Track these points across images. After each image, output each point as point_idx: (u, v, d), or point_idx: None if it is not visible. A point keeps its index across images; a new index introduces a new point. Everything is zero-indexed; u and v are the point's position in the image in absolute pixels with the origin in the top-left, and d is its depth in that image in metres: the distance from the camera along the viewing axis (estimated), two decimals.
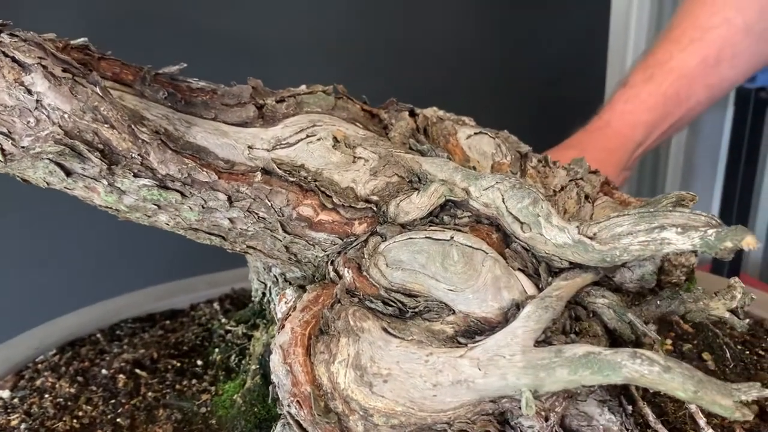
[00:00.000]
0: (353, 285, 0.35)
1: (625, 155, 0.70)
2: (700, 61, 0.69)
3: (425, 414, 0.31)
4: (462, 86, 1.19)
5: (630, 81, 0.72)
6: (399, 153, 0.39)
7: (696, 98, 0.70)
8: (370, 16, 1.07)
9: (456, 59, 1.19)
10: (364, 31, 1.07)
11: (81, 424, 0.45)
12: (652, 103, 0.70)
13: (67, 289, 0.76)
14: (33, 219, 0.82)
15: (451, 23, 1.17)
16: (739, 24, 0.68)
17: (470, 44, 1.20)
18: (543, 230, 0.34)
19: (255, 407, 0.44)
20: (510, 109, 1.24)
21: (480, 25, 1.21)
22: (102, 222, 0.82)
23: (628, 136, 0.70)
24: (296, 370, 0.32)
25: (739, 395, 0.29)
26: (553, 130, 0.77)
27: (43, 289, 0.82)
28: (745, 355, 0.51)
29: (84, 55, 0.37)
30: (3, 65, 0.33)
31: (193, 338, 0.55)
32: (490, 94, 1.24)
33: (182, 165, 0.34)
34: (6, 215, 0.80)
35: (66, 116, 0.33)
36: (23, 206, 0.80)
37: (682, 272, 0.42)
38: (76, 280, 0.83)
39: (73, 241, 0.84)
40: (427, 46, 1.14)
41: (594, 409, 0.33)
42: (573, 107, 0.82)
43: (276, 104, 0.40)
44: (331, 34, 1.03)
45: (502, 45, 1.25)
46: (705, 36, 0.69)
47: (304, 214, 0.36)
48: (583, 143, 0.70)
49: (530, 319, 0.31)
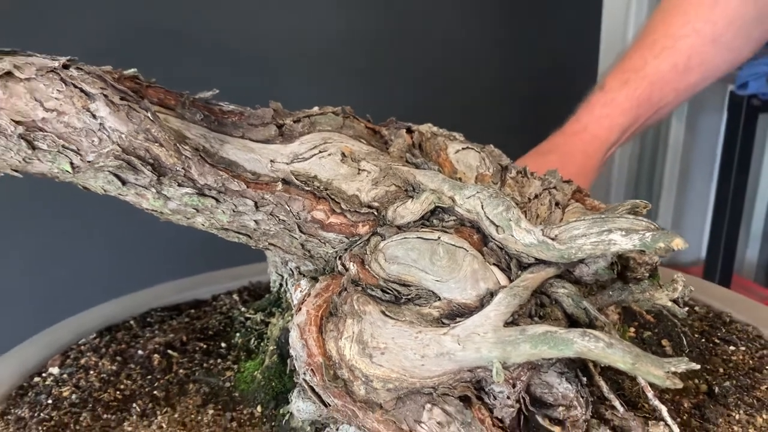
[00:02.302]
0: (357, 276, 0.42)
1: (601, 156, 0.77)
2: (671, 68, 0.75)
3: (415, 380, 0.38)
4: (459, 89, 1.26)
5: (607, 85, 0.79)
6: (397, 166, 0.46)
7: (665, 101, 0.77)
8: (370, 23, 1.14)
9: (455, 64, 1.25)
10: (365, 39, 1.14)
11: (123, 395, 0.53)
12: (627, 107, 0.76)
13: (103, 281, 0.83)
14: (76, 220, 0.91)
15: (450, 31, 1.23)
16: (708, 34, 0.74)
17: (467, 48, 1.27)
18: (514, 232, 0.41)
19: (272, 382, 0.51)
20: (504, 110, 1.31)
21: (475, 30, 1.27)
22: (133, 223, 0.91)
23: (604, 138, 0.77)
24: (310, 344, 0.39)
25: (669, 367, 0.36)
26: (543, 131, 0.83)
27: (82, 280, 0.90)
28: (701, 342, 0.58)
29: (135, 84, 0.44)
30: (73, 95, 0.40)
31: (217, 324, 0.62)
32: (485, 96, 1.30)
33: (217, 176, 0.41)
34: (55, 219, 0.89)
35: (123, 136, 0.40)
36: (70, 212, 0.89)
37: (646, 269, 0.49)
38: (111, 273, 0.91)
39: (109, 239, 0.92)
40: (425, 49, 1.20)
41: (554, 379, 0.41)
42: (565, 107, 0.87)
43: (293, 124, 0.47)
44: (336, 43, 1.10)
45: (497, 47, 1.31)
46: (676, 44, 0.75)
47: (317, 218, 0.44)
48: (562, 147, 0.77)
49: (501, 305, 0.38)
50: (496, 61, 1.31)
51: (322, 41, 1.08)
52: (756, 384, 0.52)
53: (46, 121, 0.39)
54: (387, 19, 1.15)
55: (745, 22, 0.73)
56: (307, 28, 1.07)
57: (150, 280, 0.72)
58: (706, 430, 0.47)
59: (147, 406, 0.51)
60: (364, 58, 1.13)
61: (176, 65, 0.92)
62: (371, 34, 1.13)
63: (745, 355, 0.56)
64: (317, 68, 1.09)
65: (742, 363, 0.55)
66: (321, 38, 1.08)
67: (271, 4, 1.01)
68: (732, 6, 0.72)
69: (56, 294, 0.88)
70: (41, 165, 0.41)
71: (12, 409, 0.52)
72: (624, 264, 0.50)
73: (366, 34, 1.13)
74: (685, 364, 0.37)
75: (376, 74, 1.15)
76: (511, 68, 1.33)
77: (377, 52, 1.15)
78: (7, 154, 0.40)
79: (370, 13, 1.12)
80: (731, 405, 0.50)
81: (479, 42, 1.28)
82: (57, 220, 0.91)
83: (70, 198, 0.88)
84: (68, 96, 0.40)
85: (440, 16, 1.21)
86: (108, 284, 0.74)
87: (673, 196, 2.27)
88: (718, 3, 0.72)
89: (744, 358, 0.56)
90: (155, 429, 0.48)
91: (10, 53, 0.40)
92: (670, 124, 2.18)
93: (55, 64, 0.40)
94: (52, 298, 0.87)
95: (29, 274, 0.91)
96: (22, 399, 0.53)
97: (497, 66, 1.31)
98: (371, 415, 0.38)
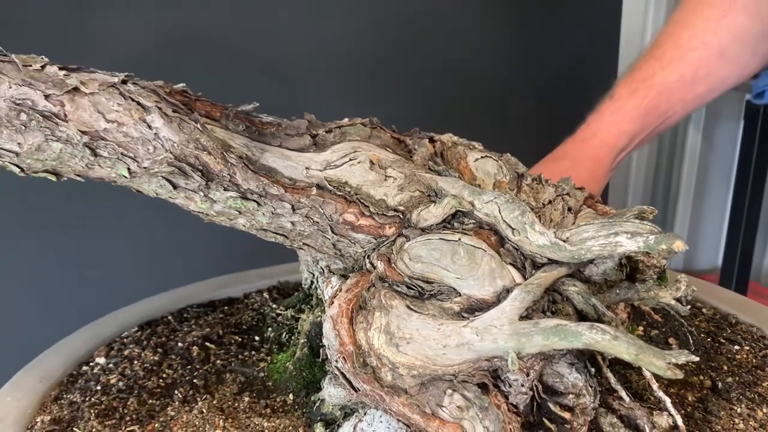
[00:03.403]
0: (384, 273, 0.46)
1: (610, 162, 0.81)
2: (678, 78, 0.79)
3: (437, 367, 0.42)
4: (480, 96, 1.29)
5: (616, 94, 0.82)
6: (420, 173, 0.50)
7: (673, 110, 0.81)
8: (391, 37, 1.18)
9: (474, 72, 1.29)
10: (389, 51, 1.18)
11: (165, 383, 0.57)
12: (635, 115, 0.80)
13: (142, 280, 0.89)
14: (119, 224, 0.97)
15: (470, 41, 1.27)
16: (715, 47, 0.78)
17: (485, 57, 1.30)
18: (528, 234, 0.44)
19: (303, 372, 0.55)
20: (522, 117, 1.34)
21: (494, 39, 1.31)
22: (170, 227, 0.96)
23: (612, 144, 0.81)
24: (342, 334, 0.43)
25: (669, 358, 0.40)
26: (562, 135, 0.86)
27: (122, 278, 0.96)
28: (707, 342, 0.61)
29: (184, 97, 0.49)
30: (131, 107, 0.45)
31: (250, 320, 0.67)
32: (503, 104, 1.34)
33: (259, 182, 0.46)
34: (101, 222, 0.95)
35: (175, 145, 0.45)
36: (114, 217, 0.95)
37: (654, 272, 0.53)
38: (150, 272, 0.96)
39: (148, 241, 0.98)
40: (447, 59, 1.24)
41: (565, 369, 0.44)
42: (584, 113, 0.91)
43: (326, 134, 0.51)
44: (362, 56, 1.15)
45: (516, 55, 1.34)
46: (684, 56, 0.79)
47: (348, 220, 0.48)
48: (573, 153, 0.81)
49: (516, 300, 0.42)
50: (516, 68, 1.35)
51: (351, 54, 1.13)
52: (758, 381, 0.55)
53: (108, 131, 0.44)
54: (408, 30, 1.19)
55: (750, 37, 0.76)
56: (335, 41, 1.11)
57: (185, 278, 0.77)
58: (709, 422, 0.50)
59: (188, 393, 0.55)
60: (389, 70, 1.18)
61: (206, 76, 0.97)
62: (395, 44, 1.18)
63: (748, 354, 0.59)
64: (345, 79, 1.13)
65: (745, 361, 0.58)
66: (350, 51, 1.13)
67: (299, 23, 1.06)
68: (738, 22, 0.75)
69: (100, 290, 0.93)
70: (101, 170, 0.45)
71: (64, 394, 0.56)
72: (633, 267, 0.54)
73: (390, 45, 1.17)
74: (686, 356, 0.40)
75: (399, 83, 1.20)
76: (530, 75, 1.36)
77: (400, 62, 1.19)
78: (72, 161, 0.44)
79: (394, 26, 1.17)
80: (733, 399, 0.53)
81: (498, 51, 1.31)
82: (102, 224, 0.97)
83: (114, 206, 0.94)
84: (127, 108, 0.44)
85: (459, 25, 1.25)
86: (147, 282, 0.79)
87: (690, 204, 2.28)
88: (724, 18, 0.76)
89: (748, 356, 0.59)
90: (196, 414, 0.52)
91: (75, 70, 0.45)
92: (687, 132, 2.19)
93: (115, 80, 0.45)
94: (96, 294, 0.92)
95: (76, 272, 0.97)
96: (73, 385, 0.58)
97: (517, 73, 1.35)
98: (397, 399, 0.42)
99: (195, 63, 1.00)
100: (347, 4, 1.11)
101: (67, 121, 0.43)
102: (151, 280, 0.80)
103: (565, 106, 0.91)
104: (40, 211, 0.93)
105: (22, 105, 0.42)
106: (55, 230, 0.95)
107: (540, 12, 1.34)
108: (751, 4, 0.75)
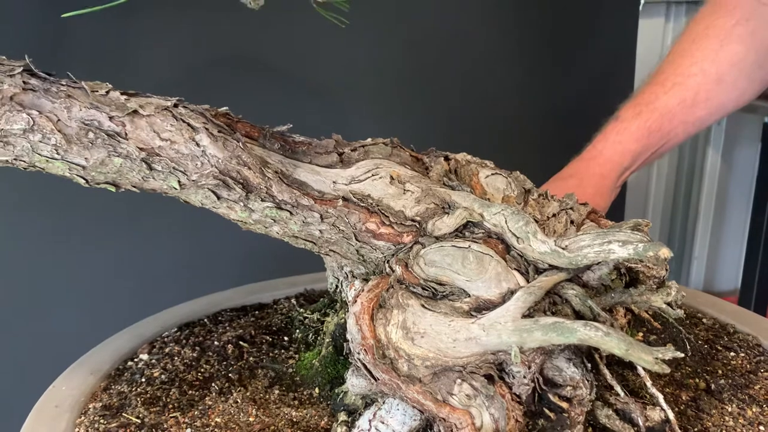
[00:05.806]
0: (402, 276, 0.52)
1: (615, 178, 0.86)
2: (680, 102, 0.85)
3: (448, 359, 0.47)
4: (497, 116, 1.35)
5: (621, 116, 0.88)
6: (435, 188, 0.56)
7: (674, 132, 0.87)
8: (416, 60, 1.25)
9: (491, 92, 1.35)
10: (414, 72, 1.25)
11: (203, 377, 0.63)
12: (639, 135, 0.86)
13: (180, 286, 0.95)
14: (160, 233, 1.05)
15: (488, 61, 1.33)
16: (713, 74, 0.84)
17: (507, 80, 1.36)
18: (531, 243, 0.50)
19: (328, 368, 0.61)
20: (538, 138, 1.40)
21: (513, 63, 1.37)
22: (206, 237, 1.04)
23: (617, 162, 0.86)
24: (364, 329, 0.49)
25: (657, 354, 0.44)
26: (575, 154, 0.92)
27: (161, 284, 1.03)
28: (704, 348, 0.65)
29: (227, 119, 0.55)
30: (182, 128, 0.51)
31: (279, 323, 0.72)
32: (520, 122, 1.39)
33: (292, 194, 0.52)
34: (142, 232, 1.04)
35: (220, 161, 0.51)
36: (153, 227, 1.03)
37: (654, 282, 0.58)
38: (188, 279, 1.04)
39: (185, 250, 1.06)
40: (466, 81, 1.31)
41: (563, 364, 0.49)
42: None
43: (351, 152, 0.57)
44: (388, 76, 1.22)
45: (535, 81, 1.40)
46: (685, 82, 0.85)
47: (370, 228, 0.53)
48: (580, 171, 0.87)
49: (519, 300, 0.47)
50: (533, 93, 1.40)
51: (379, 74, 1.20)
52: (750, 384, 0.59)
53: (162, 148, 0.50)
54: (431, 53, 1.26)
55: (746, 65, 0.82)
56: (364, 63, 1.19)
57: (220, 285, 0.83)
58: (700, 418, 0.54)
59: (224, 385, 0.61)
60: (414, 90, 1.24)
61: (246, 97, 1.05)
62: (420, 66, 1.25)
63: (743, 360, 0.63)
64: (374, 98, 1.21)
65: (740, 366, 0.62)
66: (377, 71, 1.20)
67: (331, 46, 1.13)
68: (735, 51, 0.81)
69: (141, 294, 1.01)
70: (155, 182, 0.52)
71: (112, 385, 0.62)
72: (634, 277, 0.59)
73: (415, 66, 1.24)
74: (671, 352, 0.45)
75: (423, 103, 1.26)
76: (546, 100, 1.42)
77: (423, 82, 1.26)
78: (130, 174, 0.51)
79: (419, 50, 1.23)
80: (725, 400, 0.57)
81: (517, 74, 1.37)
82: (144, 233, 1.05)
83: (155, 216, 1.02)
84: (178, 129, 0.51)
85: (480, 51, 1.31)
86: (184, 288, 0.86)
87: (709, 226, 2.30)
88: (722, 48, 0.81)
89: (742, 362, 0.63)
90: (231, 404, 0.58)
91: (134, 95, 0.52)
92: (707, 155, 2.23)
93: (168, 104, 0.51)
94: (138, 298, 0.99)
95: (120, 277, 1.04)
96: (120, 378, 0.64)
97: (534, 97, 1.40)
98: (412, 388, 0.47)
99: (234, 84, 1.07)
100: (376, 30, 1.18)
101: (127, 139, 0.50)
102: (189, 286, 0.87)
103: (582, 128, 0.97)
104: (91, 226, 1.02)
105: (90, 125, 0.49)
106: (104, 239, 1.03)
107: (558, 41, 1.40)
108: (746, 35, 0.80)
